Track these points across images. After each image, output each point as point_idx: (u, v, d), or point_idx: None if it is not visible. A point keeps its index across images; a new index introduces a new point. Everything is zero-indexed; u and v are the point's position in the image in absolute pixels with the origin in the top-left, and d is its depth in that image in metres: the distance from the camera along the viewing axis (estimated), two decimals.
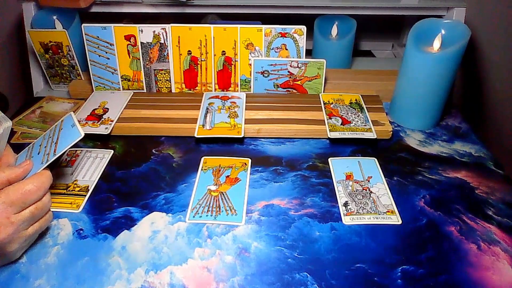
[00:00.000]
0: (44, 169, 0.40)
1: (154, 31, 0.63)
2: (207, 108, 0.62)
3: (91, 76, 0.66)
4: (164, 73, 0.66)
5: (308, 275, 0.39)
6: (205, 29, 0.63)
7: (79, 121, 0.59)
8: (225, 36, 0.63)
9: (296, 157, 0.55)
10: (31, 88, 0.74)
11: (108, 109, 0.62)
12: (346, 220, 0.45)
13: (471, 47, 0.69)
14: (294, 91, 0.66)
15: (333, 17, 0.73)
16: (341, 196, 0.48)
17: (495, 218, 0.46)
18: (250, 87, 0.66)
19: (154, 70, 0.65)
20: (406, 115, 0.62)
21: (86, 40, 0.63)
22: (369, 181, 0.50)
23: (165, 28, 0.62)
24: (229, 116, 0.60)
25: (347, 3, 0.68)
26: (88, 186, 0.50)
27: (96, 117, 0.60)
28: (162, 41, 0.63)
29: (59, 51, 0.68)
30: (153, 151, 0.56)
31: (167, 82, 0.66)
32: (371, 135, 0.56)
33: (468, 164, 0.54)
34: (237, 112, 0.61)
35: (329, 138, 0.58)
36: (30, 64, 0.73)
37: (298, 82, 0.65)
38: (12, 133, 0.58)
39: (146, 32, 0.63)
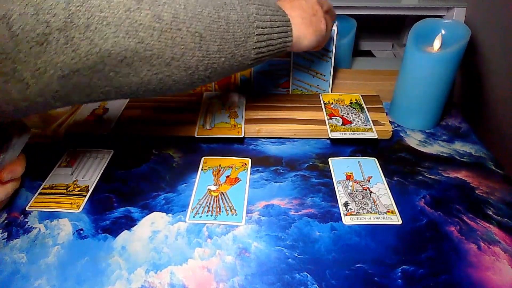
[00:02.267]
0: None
1: None
2: (207, 108, 0.62)
3: None
4: None
5: (308, 275, 0.39)
6: None
7: (79, 121, 0.60)
8: None
9: (296, 157, 0.55)
10: None
11: (108, 109, 0.62)
12: (346, 220, 0.45)
13: (471, 47, 0.69)
14: None
15: None
16: (341, 196, 0.48)
17: (495, 218, 0.46)
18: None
19: None
20: (406, 115, 0.62)
21: None
22: (369, 181, 0.50)
23: None
24: (229, 116, 0.60)
25: (347, 3, 0.68)
26: (88, 186, 0.50)
27: (96, 117, 0.60)
28: None
29: None
30: (153, 151, 0.56)
31: None
32: (372, 135, 0.56)
33: (468, 164, 0.54)
34: (237, 112, 0.61)
35: (330, 139, 0.58)
36: None
37: None
38: None
39: None
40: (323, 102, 0.63)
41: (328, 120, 0.59)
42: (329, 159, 0.54)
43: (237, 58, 0.41)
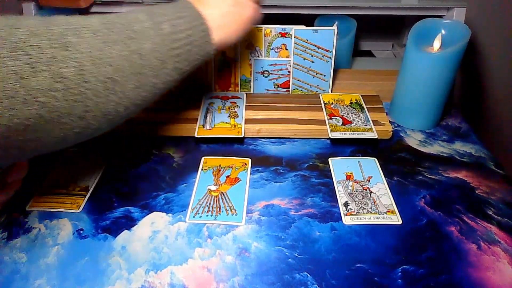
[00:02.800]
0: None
1: None
2: (207, 108, 0.62)
3: None
4: None
5: (309, 275, 0.39)
6: None
7: None
8: None
9: (296, 157, 0.55)
10: None
11: None
12: (346, 220, 0.45)
13: (471, 47, 0.69)
14: None
15: (333, 17, 0.73)
16: (341, 196, 0.48)
17: (495, 218, 0.46)
18: (250, 87, 0.66)
19: None
20: (406, 115, 0.62)
21: None
22: (369, 181, 0.50)
23: None
24: (229, 116, 0.60)
25: (347, 3, 0.68)
26: (88, 186, 0.50)
27: None
28: None
29: None
30: (153, 151, 0.56)
31: None
32: (372, 135, 0.56)
33: (468, 164, 0.54)
34: (237, 112, 0.61)
35: (330, 139, 0.58)
36: None
37: None
38: None
39: None
40: (323, 102, 0.63)
41: (328, 120, 0.59)
42: (329, 159, 0.54)
43: (158, 86, 0.38)
